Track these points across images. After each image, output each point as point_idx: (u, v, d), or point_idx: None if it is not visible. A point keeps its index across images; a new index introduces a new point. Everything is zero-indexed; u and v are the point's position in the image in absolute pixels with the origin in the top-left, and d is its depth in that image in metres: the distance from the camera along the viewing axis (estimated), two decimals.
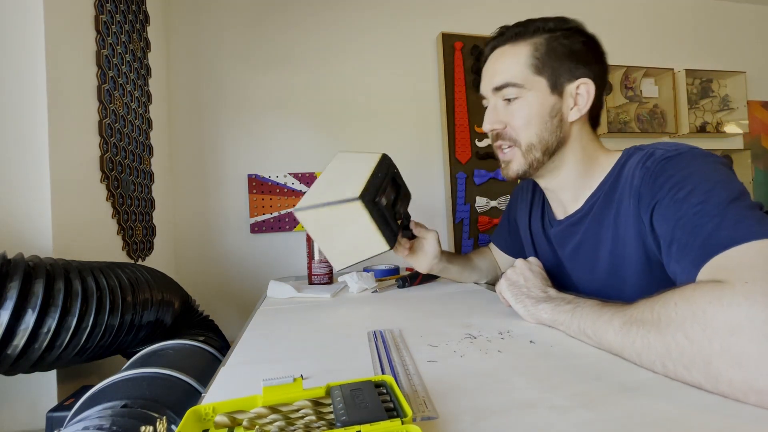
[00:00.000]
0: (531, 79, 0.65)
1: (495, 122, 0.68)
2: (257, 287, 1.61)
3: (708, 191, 0.49)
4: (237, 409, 0.33)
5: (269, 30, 1.69)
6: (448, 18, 1.87)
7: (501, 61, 0.68)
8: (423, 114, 1.84)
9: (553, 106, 0.65)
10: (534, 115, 0.65)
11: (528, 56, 0.65)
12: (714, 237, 0.44)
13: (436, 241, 0.85)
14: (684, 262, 0.47)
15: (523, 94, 0.65)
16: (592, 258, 0.67)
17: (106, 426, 0.48)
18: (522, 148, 0.67)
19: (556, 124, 0.65)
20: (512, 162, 0.69)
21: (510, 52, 0.67)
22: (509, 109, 0.67)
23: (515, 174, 0.69)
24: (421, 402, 0.37)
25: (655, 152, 0.58)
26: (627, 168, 0.62)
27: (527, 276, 0.66)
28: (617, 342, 0.44)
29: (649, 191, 0.56)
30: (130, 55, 1.21)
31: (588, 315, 0.50)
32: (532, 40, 0.66)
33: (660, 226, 0.54)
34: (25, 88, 0.79)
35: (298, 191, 1.67)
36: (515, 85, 0.65)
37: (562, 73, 0.65)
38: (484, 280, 0.98)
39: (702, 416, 0.32)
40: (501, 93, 0.67)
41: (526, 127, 0.66)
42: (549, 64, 0.65)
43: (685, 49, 2.23)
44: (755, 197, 2.22)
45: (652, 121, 2.15)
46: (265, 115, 1.67)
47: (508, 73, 0.66)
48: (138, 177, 1.23)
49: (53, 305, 0.64)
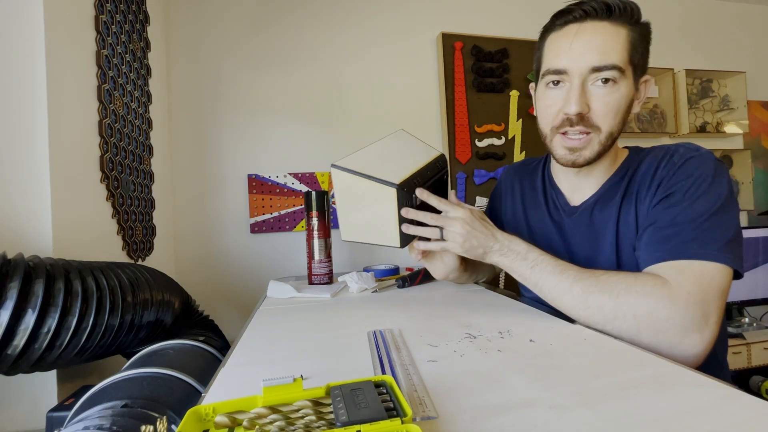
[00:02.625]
0: (627, 66, 0.62)
1: (584, 105, 0.62)
2: (257, 287, 1.61)
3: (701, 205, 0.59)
4: (237, 409, 0.33)
5: (269, 30, 1.69)
6: (448, 18, 1.87)
7: (603, 38, 0.61)
8: (423, 114, 1.84)
9: (632, 98, 0.64)
10: (622, 104, 0.63)
11: (627, 41, 0.61)
12: (684, 246, 0.56)
13: (455, 260, 0.80)
14: (654, 253, 0.59)
15: (619, 81, 0.61)
16: (599, 241, 0.69)
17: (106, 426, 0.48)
18: (602, 137, 0.64)
19: (628, 115, 0.65)
20: (585, 150, 0.65)
21: (611, 31, 0.61)
22: (600, 92, 0.62)
23: (585, 162, 0.66)
24: (421, 402, 0.37)
25: (678, 151, 0.64)
26: (645, 164, 0.66)
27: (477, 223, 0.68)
28: (571, 305, 0.59)
29: (669, 183, 0.62)
30: (130, 55, 1.21)
31: (548, 277, 0.61)
32: (630, 25, 0.62)
33: (652, 213, 0.62)
34: (25, 88, 0.79)
35: (298, 191, 1.67)
36: (619, 69, 0.61)
37: (641, 67, 0.64)
38: (482, 279, 0.98)
39: (701, 416, 0.32)
40: (599, 74, 0.61)
41: (614, 115, 0.63)
42: (639, 53, 0.63)
43: (685, 49, 2.23)
44: (755, 197, 2.23)
45: (652, 121, 2.15)
46: (265, 115, 1.67)
47: (612, 54, 0.61)
48: (138, 177, 1.23)
49: (53, 305, 0.64)
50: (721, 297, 0.55)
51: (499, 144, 1.86)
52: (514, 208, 0.85)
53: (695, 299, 0.53)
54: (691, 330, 0.52)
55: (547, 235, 0.77)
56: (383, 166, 0.69)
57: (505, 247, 0.66)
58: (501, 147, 1.86)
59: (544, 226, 0.77)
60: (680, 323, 0.52)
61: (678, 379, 0.39)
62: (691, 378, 0.39)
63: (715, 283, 0.54)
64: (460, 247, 0.67)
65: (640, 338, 0.53)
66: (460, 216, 0.67)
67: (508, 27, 1.88)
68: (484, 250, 0.67)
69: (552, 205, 0.77)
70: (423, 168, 0.71)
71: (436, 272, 0.82)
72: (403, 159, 0.72)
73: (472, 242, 0.67)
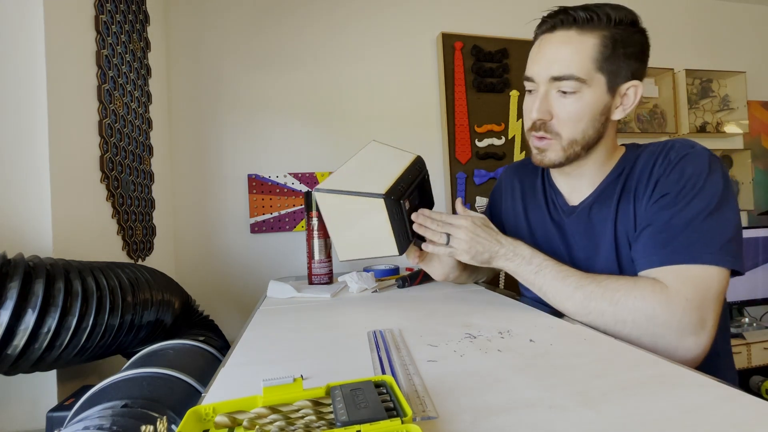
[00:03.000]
0: (592, 75, 0.62)
1: (544, 112, 0.65)
2: (257, 287, 1.61)
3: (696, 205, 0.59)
4: (237, 409, 0.33)
5: (270, 30, 1.69)
6: (448, 18, 1.87)
7: (565, 49, 0.62)
8: (423, 114, 1.84)
9: (604, 105, 0.64)
10: (586, 112, 0.63)
11: (594, 50, 0.61)
12: (682, 250, 0.57)
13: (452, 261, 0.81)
14: (652, 257, 0.59)
15: (581, 90, 0.62)
16: (598, 240, 0.69)
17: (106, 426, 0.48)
18: (563, 143, 0.66)
19: (601, 122, 0.65)
20: (548, 152, 0.67)
21: (576, 40, 0.62)
22: (562, 101, 0.64)
23: (550, 163, 0.68)
24: (421, 402, 0.37)
25: (674, 148, 0.64)
26: (641, 161, 0.66)
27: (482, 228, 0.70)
28: (573, 310, 0.61)
29: (665, 182, 0.62)
30: (130, 55, 1.21)
31: (552, 282, 0.63)
32: (601, 32, 0.62)
33: (648, 212, 0.63)
34: (25, 88, 0.79)
35: (298, 191, 1.67)
36: (578, 80, 0.61)
37: (620, 73, 0.63)
38: (482, 279, 0.98)
39: (701, 415, 0.32)
40: (558, 84, 0.63)
41: (575, 123, 0.64)
42: (612, 62, 0.62)
43: (685, 49, 2.23)
44: (755, 197, 2.23)
45: (652, 121, 2.15)
46: (265, 115, 1.67)
47: (572, 65, 0.61)
48: (138, 177, 1.23)
49: (53, 305, 0.64)
50: (718, 300, 0.56)
51: (499, 144, 1.86)
52: (514, 207, 0.85)
53: (693, 305, 0.54)
54: (687, 334, 0.54)
55: (547, 235, 0.77)
56: (364, 179, 0.70)
57: (510, 251, 0.68)
58: (501, 147, 1.86)
59: (545, 226, 0.78)
60: (677, 328, 0.54)
61: (678, 379, 0.39)
62: (691, 378, 0.39)
63: (713, 287, 0.55)
64: (466, 253, 0.69)
65: (640, 342, 0.55)
66: (464, 224, 0.69)
67: (508, 27, 1.88)
68: (489, 256, 0.69)
69: (552, 205, 0.78)
70: (404, 173, 0.72)
71: (435, 273, 0.83)
72: (381, 168, 0.73)
73: (477, 248, 0.68)
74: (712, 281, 0.55)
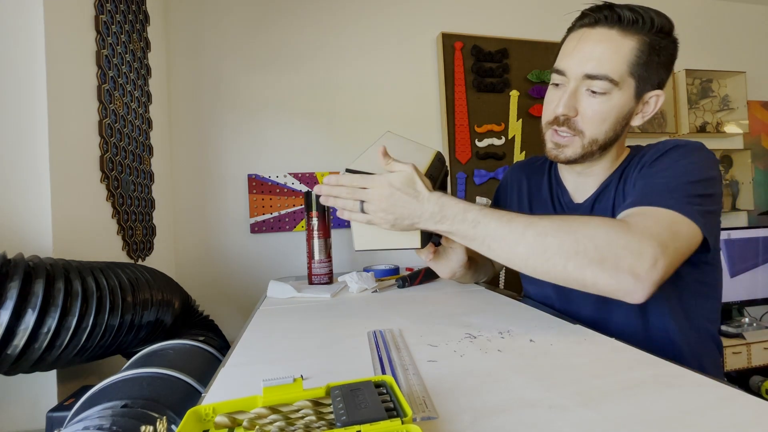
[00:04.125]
0: (625, 78, 0.61)
1: (571, 108, 0.63)
2: (257, 287, 1.61)
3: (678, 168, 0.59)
4: (237, 409, 0.33)
5: (269, 30, 1.69)
6: (448, 18, 1.87)
7: (604, 47, 0.60)
8: (423, 114, 1.84)
9: (629, 110, 0.64)
10: (612, 115, 0.63)
11: (631, 53, 0.60)
12: (655, 195, 0.56)
13: (463, 250, 0.76)
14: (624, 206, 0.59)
15: (611, 92, 0.61)
16: None
17: (106, 426, 0.48)
18: (584, 141, 0.65)
19: (622, 126, 0.65)
20: (567, 148, 0.67)
21: (616, 41, 0.60)
22: (590, 100, 0.63)
23: (566, 159, 0.68)
24: (421, 402, 0.37)
25: (669, 140, 0.65)
26: (638, 156, 0.68)
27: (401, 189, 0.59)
28: (527, 253, 0.53)
29: (653, 159, 0.63)
30: (130, 55, 1.21)
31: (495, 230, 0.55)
32: (641, 36, 0.60)
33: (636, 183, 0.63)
34: (25, 88, 0.79)
35: (298, 191, 1.67)
36: (611, 81, 0.60)
37: (649, 81, 0.62)
38: (483, 278, 0.98)
39: (701, 416, 0.32)
40: (590, 82, 0.61)
41: (600, 123, 0.63)
42: (645, 68, 0.61)
43: (685, 49, 2.20)
44: (755, 197, 2.23)
45: (652, 121, 2.15)
46: (265, 115, 1.67)
47: (609, 65, 0.60)
48: (138, 177, 1.23)
49: (53, 305, 0.64)
50: (679, 242, 0.52)
51: (499, 144, 1.86)
52: (520, 205, 0.85)
53: (651, 232, 0.51)
54: (648, 256, 0.49)
55: None
56: None
57: (437, 213, 0.57)
58: (501, 147, 1.86)
59: None
60: (637, 249, 0.49)
61: (678, 379, 0.39)
62: (691, 378, 0.39)
63: (678, 230, 0.52)
64: (384, 221, 0.59)
65: (603, 267, 0.50)
66: (377, 187, 0.58)
67: (508, 27, 1.88)
68: (411, 221, 0.59)
69: (557, 202, 0.78)
70: (430, 166, 0.68)
71: (442, 271, 0.79)
72: (407, 159, 0.70)
73: (396, 213, 0.58)
74: (681, 227, 0.52)
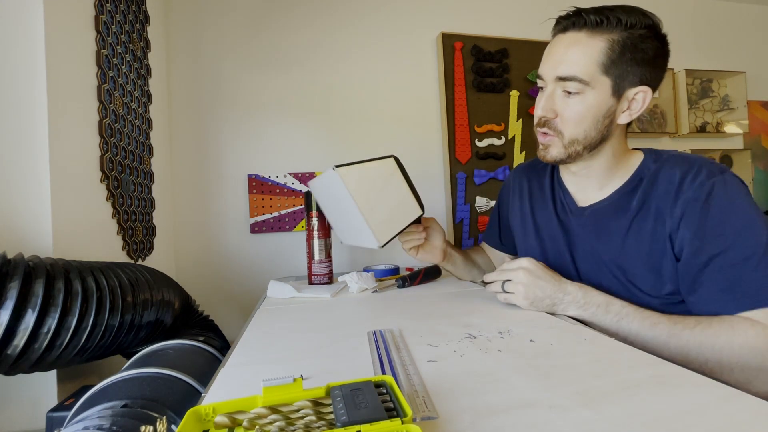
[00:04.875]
0: (597, 77, 0.62)
1: (548, 110, 0.67)
2: (257, 287, 1.61)
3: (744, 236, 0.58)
4: (237, 409, 0.33)
5: (269, 30, 1.69)
6: (448, 18, 1.87)
7: (572, 50, 0.64)
8: (423, 114, 1.84)
9: (609, 108, 0.64)
10: (589, 114, 0.64)
11: (601, 53, 0.62)
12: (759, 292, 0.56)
13: (441, 232, 0.94)
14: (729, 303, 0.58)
15: (584, 91, 0.63)
16: (606, 246, 0.69)
17: (106, 426, 0.48)
18: (564, 141, 0.67)
19: (605, 125, 0.65)
20: (551, 148, 0.69)
21: (584, 42, 0.63)
22: (566, 101, 0.65)
23: (552, 160, 0.70)
24: (421, 402, 0.37)
25: (702, 171, 0.62)
26: (663, 177, 0.65)
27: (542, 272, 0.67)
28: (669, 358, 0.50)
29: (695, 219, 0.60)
30: (130, 55, 1.21)
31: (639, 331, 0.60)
32: (610, 36, 0.62)
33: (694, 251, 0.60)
34: (25, 88, 0.79)
35: (298, 191, 1.67)
36: (581, 81, 0.63)
37: (627, 78, 0.63)
38: (480, 278, 0.98)
39: (701, 416, 0.32)
40: (563, 84, 0.64)
41: (577, 123, 0.65)
42: (619, 66, 0.62)
43: (685, 49, 2.23)
44: (755, 197, 2.23)
45: (652, 121, 2.15)
46: (265, 115, 1.67)
47: (577, 66, 0.63)
48: (138, 177, 1.23)
49: (53, 305, 0.64)
50: None
51: (499, 144, 1.86)
52: (521, 207, 0.85)
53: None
54: None
55: (553, 234, 0.77)
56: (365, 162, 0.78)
57: (580, 299, 0.64)
58: (501, 147, 1.86)
59: (551, 225, 0.78)
60: None
61: (678, 379, 0.39)
62: (691, 378, 0.39)
63: None
64: (523, 298, 0.66)
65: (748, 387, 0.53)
66: (519, 270, 0.67)
67: (508, 27, 1.87)
68: (552, 302, 0.65)
69: (559, 204, 0.78)
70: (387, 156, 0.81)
71: (435, 256, 0.95)
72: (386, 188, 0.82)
73: (536, 293, 0.65)
74: None
